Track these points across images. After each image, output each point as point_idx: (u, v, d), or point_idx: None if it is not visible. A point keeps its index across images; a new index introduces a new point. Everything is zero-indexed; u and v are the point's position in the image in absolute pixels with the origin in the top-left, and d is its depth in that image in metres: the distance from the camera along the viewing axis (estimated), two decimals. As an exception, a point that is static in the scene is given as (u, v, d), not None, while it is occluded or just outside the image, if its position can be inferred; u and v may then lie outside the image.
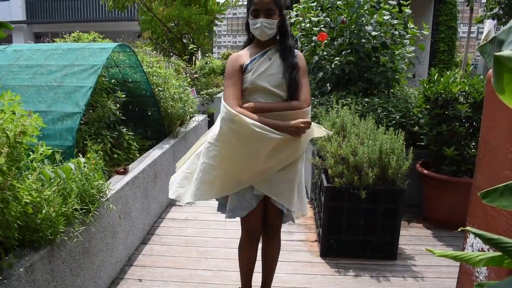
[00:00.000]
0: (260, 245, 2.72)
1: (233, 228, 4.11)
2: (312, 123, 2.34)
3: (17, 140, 2.06)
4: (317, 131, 2.59)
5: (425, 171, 4.18)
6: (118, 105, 4.17)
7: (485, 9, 14.21)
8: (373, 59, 5.03)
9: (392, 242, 3.52)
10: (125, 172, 3.66)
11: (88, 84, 3.42)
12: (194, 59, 12.21)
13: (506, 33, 1.19)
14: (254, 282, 2.83)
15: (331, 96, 4.79)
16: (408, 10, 5.12)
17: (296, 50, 2.43)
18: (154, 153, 4.41)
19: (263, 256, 2.73)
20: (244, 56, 2.39)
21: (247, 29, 2.43)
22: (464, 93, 4.03)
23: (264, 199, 2.46)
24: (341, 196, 3.42)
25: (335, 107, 4.38)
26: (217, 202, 2.63)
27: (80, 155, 2.87)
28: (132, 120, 4.92)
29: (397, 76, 5.15)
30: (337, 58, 5.00)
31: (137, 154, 4.30)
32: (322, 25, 5.24)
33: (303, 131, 2.24)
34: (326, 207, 3.48)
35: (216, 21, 12.64)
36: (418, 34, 5.19)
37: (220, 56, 19.17)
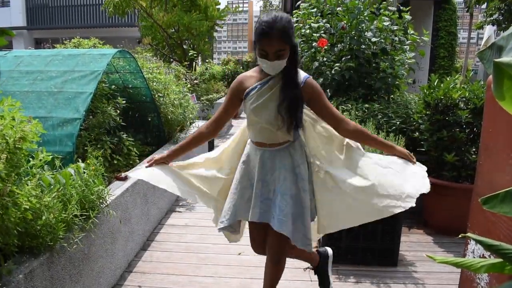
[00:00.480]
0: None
1: (233, 234, 4.10)
2: None
3: (16, 146, 2.06)
4: None
5: (426, 177, 4.17)
6: (118, 111, 4.18)
7: (485, 15, 14.25)
8: (373, 65, 5.03)
9: (392, 248, 3.51)
10: (125, 178, 3.65)
11: (88, 90, 3.43)
12: (194, 65, 12.23)
13: (505, 40, 1.19)
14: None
15: (331, 102, 4.80)
16: (408, 16, 5.13)
17: (306, 77, 2.28)
18: (154, 159, 4.41)
19: (264, 275, 2.55)
20: (250, 80, 2.30)
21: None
22: (464, 99, 4.04)
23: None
24: (342, 202, 3.41)
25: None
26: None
27: (80, 161, 2.87)
28: (132, 126, 4.92)
29: (397, 82, 5.15)
30: (337, 64, 5.01)
31: (137, 160, 4.30)
32: (322, 31, 5.25)
33: None
34: (326, 213, 3.47)
35: (216, 27, 12.68)
36: (418, 40, 5.20)
37: (220, 62, 19.23)
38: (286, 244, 2.38)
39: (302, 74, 2.27)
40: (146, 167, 2.40)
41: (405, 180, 2.30)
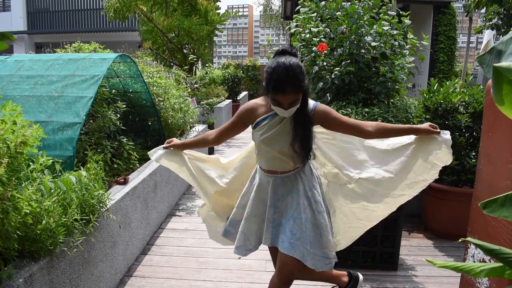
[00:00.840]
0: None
1: (233, 238, 4.09)
2: None
3: (17, 150, 2.06)
4: None
5: (426, 181, 4.17)
6: (118, 115, 4.18)
7: (484, 19, 14.30)
8: (373, 69, 5.04)
9: (393, 252, 3.51)
10: (125, 182, 3.66)
11: (88, 95, 3.43)
12: (194, 69, 12.24)
13: (505, 44, 1.19)
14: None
15: (332, 107, 4.80)
16: (407, 21, 5.14)
17: (315, 105, 2.33)
18: (154, 163, 4.41)
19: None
20: (260, 109, 2.32)
21: (266, 87, 2.17)
22: (464, 103, 4.04)
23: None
24: (342, 206, 3.41)
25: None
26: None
27: (81, 167, 2.87)
28: (132, 130, 4.93)
29: (397, 86, 5.15)
30: (337, 69, 5.01)
31: (137, 164, 4.30)
32: (322, 36, 5.26)
33: None
34: (326, 217, 3.47)
35: (216, 32, 12.69)
36: (417, 44, 5.21)
37: (221, 66, 19.26)
38: (297, 266, 2.38)
39: (311, 103, 2.32)
40: (164, 147, 2.63)
41: (430, 161, 2.41)
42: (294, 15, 5.83)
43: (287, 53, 2.18)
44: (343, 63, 5.04)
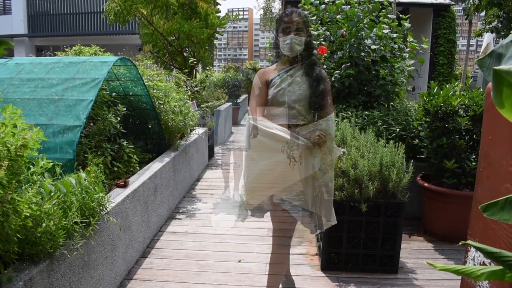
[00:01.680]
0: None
1: (233, 241, 4.10)
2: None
3: (18, 153, 2.06)
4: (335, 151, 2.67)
5: (426, 184, 4.17)
6: (118, 118, 4.18)
7: (484, 22, 14.33)
8: (373, 72, 5.05)
9: (393, 255, 3.50)
10: (125, 185, 3.65)
11: (89, 98, 3.43)
12: (194, 72, 12.25)
13: (504, 47, 1.20)
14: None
15: (331, 109, 4.80)
16: (407, 24, 5.16)
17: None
18: (155, 166, 4.41)
19: (270, 263, 2.81)
20: (270, 72, 2.65)
21: (276, 47, 2.69)
22: (464, 106, 4.05)
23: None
24: (342, 209, 3.41)
25: (335, 120, 4.39)
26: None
27: (81, 169, 2.87)
28: (132, 133, 4.92)
29: (396, 89, 5.16)
30: (337, 72, 5.02)
31: (138, 167, 4.29)
32: (322, 39, 5.27)
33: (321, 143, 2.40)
34: (326, 220, 3.46)
35: (216, 35, 12.71)
36: (417, 47, 5.23)
37: (221, 69, 19.29)
38: (294, 224, 2.64)
39: None
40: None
41: None
42: (294, 18, 5.84)
43: None
44: (343, 66, 5.05)
